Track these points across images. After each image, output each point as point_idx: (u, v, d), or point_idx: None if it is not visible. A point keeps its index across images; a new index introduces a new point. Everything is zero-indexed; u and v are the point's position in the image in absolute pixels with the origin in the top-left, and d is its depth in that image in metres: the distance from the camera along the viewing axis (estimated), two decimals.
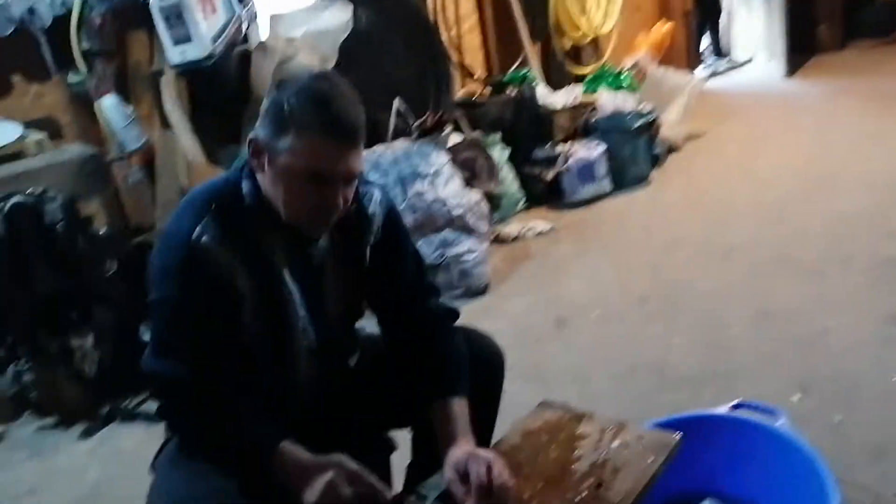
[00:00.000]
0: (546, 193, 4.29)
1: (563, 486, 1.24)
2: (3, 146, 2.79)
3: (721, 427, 1.77)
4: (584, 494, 1.20)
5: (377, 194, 1.40)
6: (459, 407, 1.33)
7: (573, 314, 2.97)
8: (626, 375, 2.49)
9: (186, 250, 1.20)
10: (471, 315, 3.15)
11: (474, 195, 3.47)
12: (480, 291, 3.29)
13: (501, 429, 1.51)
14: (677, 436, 1.31)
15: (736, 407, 1.79)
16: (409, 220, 3.24)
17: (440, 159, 3.36)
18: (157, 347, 1.24)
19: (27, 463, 2.57)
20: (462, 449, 1.24)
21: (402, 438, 1.58)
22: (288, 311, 1.31)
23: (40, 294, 2.57)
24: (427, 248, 3.25)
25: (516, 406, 1.56)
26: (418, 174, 3.28)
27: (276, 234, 1.27)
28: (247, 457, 1.21)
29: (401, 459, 1.57)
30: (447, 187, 3.30)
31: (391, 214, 1.42)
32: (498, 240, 3.89)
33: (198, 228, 1.21)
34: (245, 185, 1.27)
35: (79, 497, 2.33)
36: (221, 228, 1.22)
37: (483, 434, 1.42)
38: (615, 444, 1.32)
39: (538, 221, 4.00)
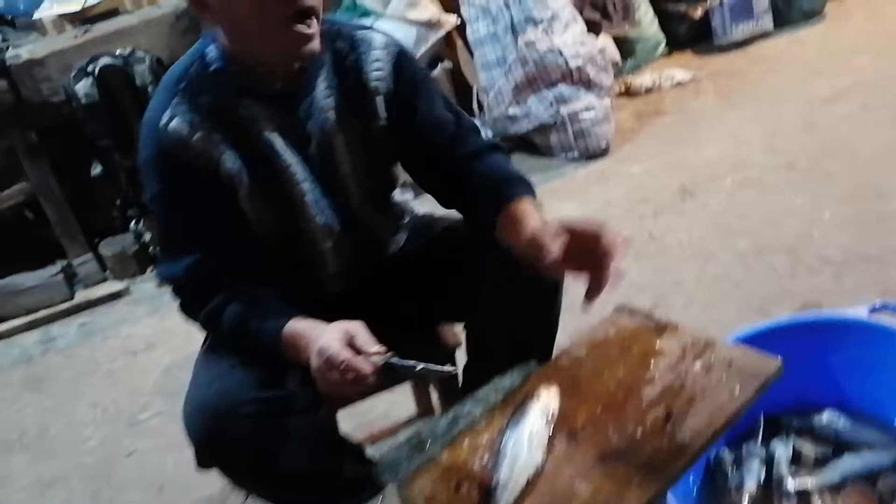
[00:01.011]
0: (691, 35, 3.78)
1: (625, 413, 1.06)
2: (99, 2, 2.76)
3: (851, 334, 1.49)
4: (645, 427, 1.02)
5: (378, 38, 1.22)
6: (526, 206, 1.16)
7: (703, 181, 2.63)
8: (756, 255, 2.18)
9: (157, 139, 1.12)
10: (584, 181, 2.90)
11: (598, 43, 3.08)
12: (599, 154, 2.99)
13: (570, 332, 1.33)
14: (776, 362, 1.08)
15: (875, 310, 1.49)
16: (518, 74, 2.95)
17: (559, 1, 2.97)
18: (163, 249, 1.19)
19: (147, 319, 2.73)
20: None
21: None
22: (288, 184, 1.19)
23: None
24: (539, 105, 2.96)
25: (623, 285, 1.35)
26: (532, 19, 2.92)
27: (256, 98, 1.14)
28: (260, 344, 1.14)
29: None
30: (565, 34, 2.93)
31: (400, 58, 1.23)
32: (628, 92, 3.50)
33: (166, 113, 1.11)
34: (210, 51, 1.14)
35: (190, 354, 2.46)
36: (191, 106, 1.11)
37: (541, 350, 1.27)
38: (697, 365, 1.11)
39: (678, 70, 3.55)
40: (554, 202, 2.81)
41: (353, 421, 1.83)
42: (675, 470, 0.96)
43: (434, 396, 1.72)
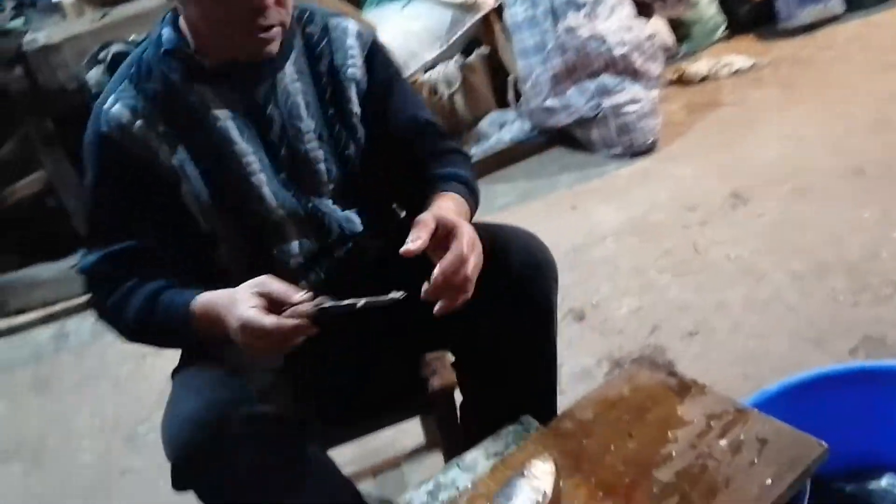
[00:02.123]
0: (754, 17, 3.52)
1: (632, 501, 0.90)
2: None
3: None
4: None
5: (352, 26, 1.17)
6: (444, 197, 1.09)
7: (758, 187, 2.41)
8: (814, 276, 1.97)
9: (98, 124, 1.06)
10: (626, 181, 2.70)
11: (647, 28, 2.86)
12: (644, 151, 2.78)
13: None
14: (819, 447, 0.90)
15: None
16: (557, 63, 2.75)
17: None
18: (86, 238, 1.12)
19: None
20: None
21: None
22: (243, 174, 1.09)
23: None
24: (579, 97, 2.77)
25: (662, 305, 1.16)
26: (574, 3, 2.72)
27: (209, 82, 1.08)
28: (169, 328, 1.05)
29: None
30: (610, 19, 2.72)
31: (374, 49, 1.18)
32: (681, 80, 3.27)
33: (112, 97, 1.06)
34: (165, 32, 1.08)
35: None
36: (137, 92, 1.06)
37: (534, 386, 1.13)
38: (723, 443, 0.94)
39: (737, 56, 3.30)
40: (591, 204, 2.63)
41: (355, 450, 1.71)
42: None
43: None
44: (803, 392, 1.34)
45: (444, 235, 0.96)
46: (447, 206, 1.06)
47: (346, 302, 0.94)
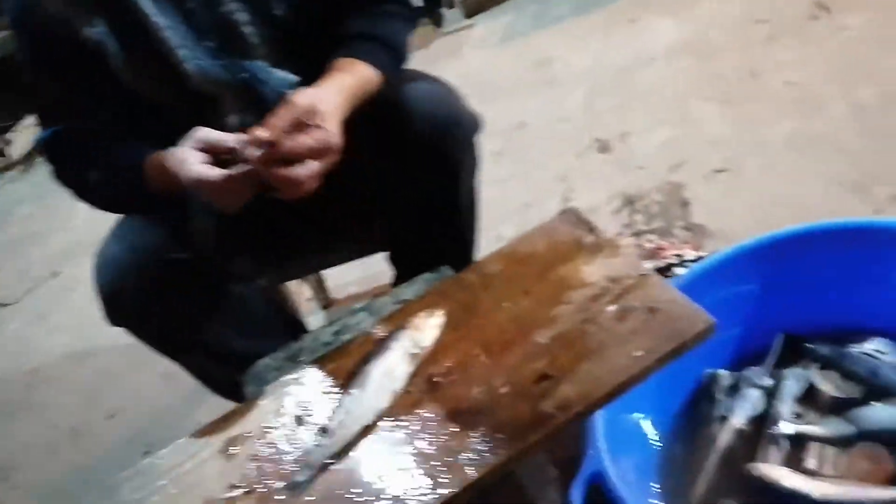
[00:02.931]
0: None
1: (503, 361, 0.88)
2: None
3: None
4: (515, 384, 0.85)
5: None
6: (339, 68, 1.04)
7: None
8: (880, 108, 1.75)
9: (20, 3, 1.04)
10: None
11: None
12: None
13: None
14: (704, 322, 0.84)
15: None
16: None
17: None
18: (38, 114, 1.13)
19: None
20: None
21: None
22: (164, 48, 1.04)
23: None
24: None
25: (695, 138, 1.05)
26: None
27: None
28: (125, 177, 1.08)
29: None
30: None
31: None
32: None
33: None
34: None
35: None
36: None
37: (449, 243, 1.10)
38: (611, 308, 0.89)
39: None
40: (652, 16, 2.38)
41: (358, 273, 1.78)
42: (524, 446, 0.80)
43: None
44: (785, 247, 1.23)
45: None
46: (333, 80, 1.00)
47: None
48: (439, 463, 0.80)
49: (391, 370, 0.90)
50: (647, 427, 1.21)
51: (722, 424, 1.22)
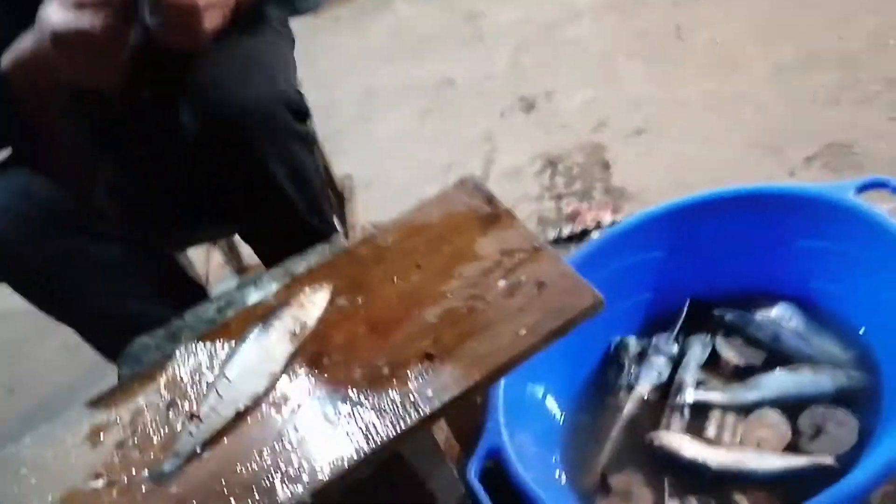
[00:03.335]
0: None
1: (389, 340, 0.84)
2: None
3: (830, 216, 1.14)
4: (398, 365, 0.81)
5: None
6: None
7: None
8: (801, 67, 1.76)
9: None
10: None
11: None
12: None
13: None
14: (592, 298, 0.81)
15: (865, 188, 1.12)
16: None
17: None
18: None
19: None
20: None
21: None
22: None
23: None
24: None
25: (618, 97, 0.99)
26: None
27: None
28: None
29: None
30: None
31: None
32: None
33: None
34: None
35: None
36: None
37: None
38: (502, 284, 0.86)
39: None
40: None
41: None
42: (401, 432, 0.76)
43: None
44: (691, 214, 1.22)
45: None
46: None
47: None
48: (315, 450, 0.77)
49: (270, 351, 0.86)
50: (550, 399, 1.19)
51: (628, 393, 1.21)
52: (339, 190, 1.59)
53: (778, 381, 1.14)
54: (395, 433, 0.76)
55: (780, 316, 1.22)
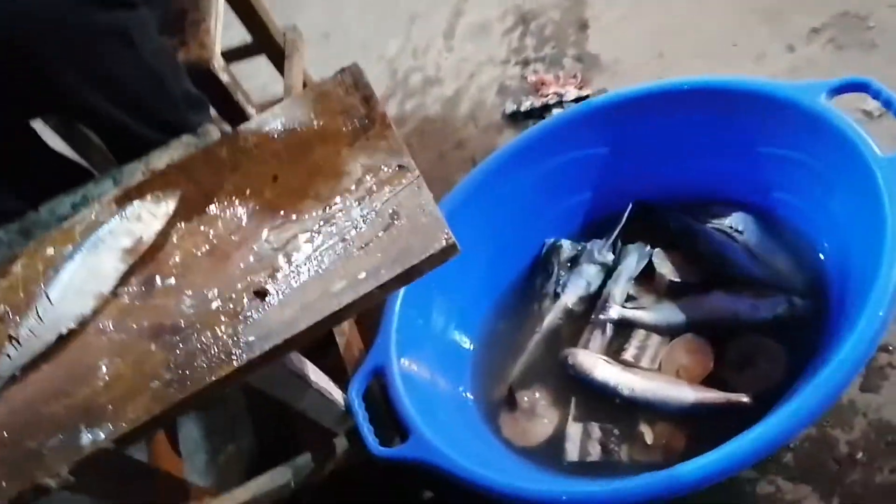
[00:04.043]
0: None
1: (223, 273, 0.75)
2: None
3: (779, 113, 0.97)
4: (217, 304, 0.72)
5: None
6: None
7: None
8: None
9: None
10: None
11: None
12: None
13: None
14: (446, 242, 0.69)
15: (843, 89, 0.93)
16: None
17: None
18: None
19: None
20: None
21: None
22: None
23: None
24: None
25: None
26: None
27: None
28: None
29: None
30: None
31: None
32: None
33: None
34: None
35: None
36: None
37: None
38: (356, 210, 0.74)
39: None
40: None
41: None
42: (213, 381, 0.68)
43: None
44: (642, 107, 1.05)
45: None
46: None
47: None
48: (126, 392, 0.70)
49: (100, 269, 0.78)
50: (459, 314, 1.10)
51: (553, 302, 1.12)
52: (279, 45, 1.43)
53: (712, 304, 1.03)
54: (207, 381, 0.69)
55: (734, 225, 1.08)
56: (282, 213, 0.77)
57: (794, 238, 1.05)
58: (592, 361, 1.02)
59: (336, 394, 0.95)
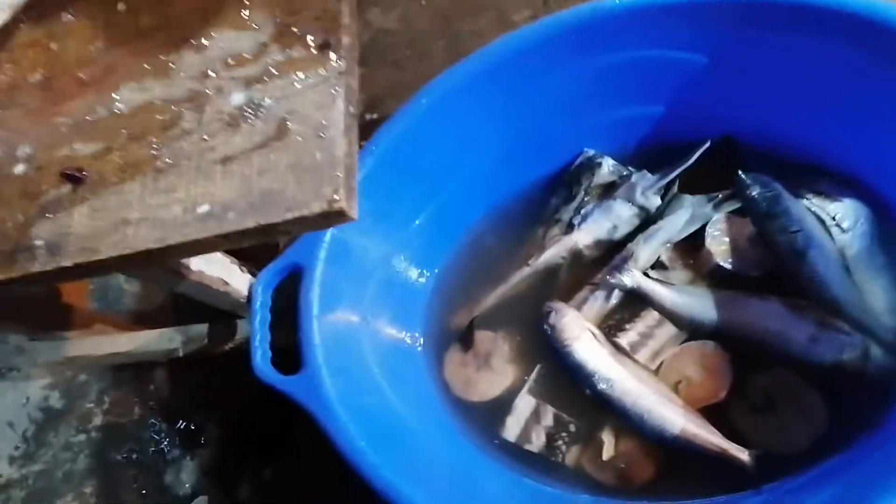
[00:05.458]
0: None
1: (49, 118, 0.52)
2: None
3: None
4: (25, 168, 0.51)
5: None
6: None
7: None
8: None
9: None
10: None
11: None
12: None
13: None
14: (329, 201, 0.44)
15: None
16: None
17: None
18: None
19: None
20: None
21: None
22: None
23: None
24: None
25: None
26: None
27: None
28: None
29: None
30: None
31: None
32: None
33: None
34: None
35: None
36: None
37: None
38: (234, 97, 0.49)
39: None
40: None
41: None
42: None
43: None
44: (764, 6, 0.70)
45: None
46: None
47: None
48: None
49: None
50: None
51: (563, 233, 0.86)
52: None
53: (760, 312, 0.76)
54: None
55: (839, 215, 0.78)
56: (151, 61, 0.52)
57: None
58: (577, 331, 0.79)
59: (242, 280, 0.75)
